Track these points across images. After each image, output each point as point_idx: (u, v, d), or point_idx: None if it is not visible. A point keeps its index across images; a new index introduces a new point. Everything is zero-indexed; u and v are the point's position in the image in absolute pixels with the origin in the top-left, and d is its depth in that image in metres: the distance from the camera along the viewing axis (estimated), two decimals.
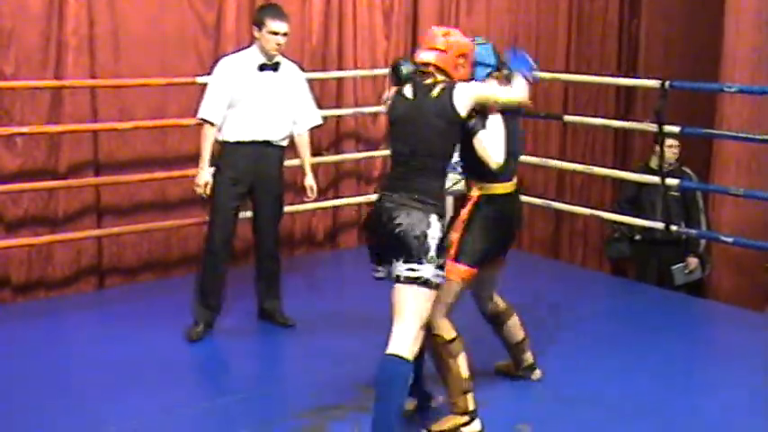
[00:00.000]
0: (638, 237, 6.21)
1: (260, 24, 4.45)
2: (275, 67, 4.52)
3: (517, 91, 3.55)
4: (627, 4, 7.96)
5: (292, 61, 4.71)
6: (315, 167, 6.17)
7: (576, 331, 4.71)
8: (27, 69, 5.12)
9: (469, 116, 3.35)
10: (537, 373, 4.02)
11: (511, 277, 4.00)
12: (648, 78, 6.00)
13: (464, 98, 3.31)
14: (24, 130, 5.06)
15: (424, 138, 3.30)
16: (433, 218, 3.25)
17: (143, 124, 5.45)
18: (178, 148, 5.57)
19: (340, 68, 6.32)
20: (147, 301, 5.20)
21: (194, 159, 4.68)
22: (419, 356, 3.50)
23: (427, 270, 3.21)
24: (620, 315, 5.15)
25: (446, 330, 3.47)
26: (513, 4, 7.26)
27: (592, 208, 6.47)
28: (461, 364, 3.48)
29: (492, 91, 3.47)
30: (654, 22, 7.93)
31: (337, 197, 6.41)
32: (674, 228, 5.53)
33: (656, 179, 5.56)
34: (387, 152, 5.02)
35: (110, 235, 5.47)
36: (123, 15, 5.42)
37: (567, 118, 6.67)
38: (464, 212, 3.58)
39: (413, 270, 3.20)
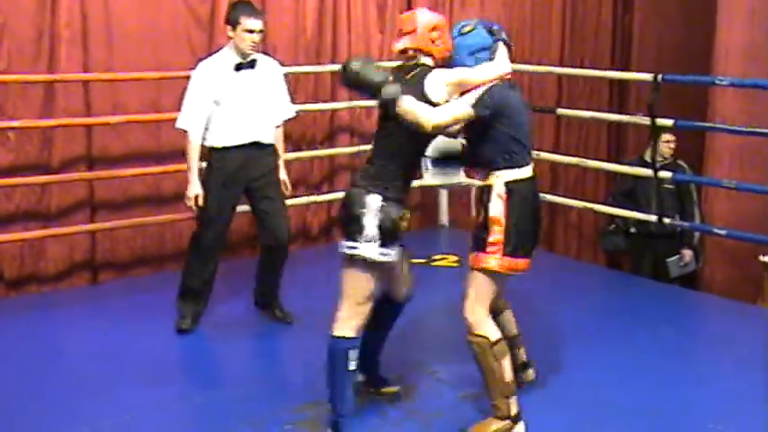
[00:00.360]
0: (633, 230, 6.24)
1: (234, 23, 4.31)
2: (252, 64, 4.40)
3: (499, 63, 3.38)
4: None
5: (271, 57, 4.64)
6: (309, 161, 6.21)
7: (571, 324, 4.71)
8: (19, 63, 5.10)
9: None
10: (529, 374, 3.80)
11: None
12: (641, 72, 6.01)
13: (436, 84, 3.27)
14: (17, 124, 5.05)
15: (394, 121, 3.27)
16: (372, 198, 3.26)
17: (137, 118, 5.44)
18: (172, 142, 5.51)
19: (334, 62, 6.30)
20: (140, 296, 5.18)
21: None
22: (377, 340, 3.66)
23: (365, 249, 3.25)
24: (615, 307, 5.16)
25: (491, 331, 3.35)
26: None
27: (586, 201, 6.49)
28: (505, 367, 3.35)
29: (469, 74, 3.34)
30: (647, 16, 7.94)
31: (332, 191, 6.39)
32: (666, 220, 5.55)
33: (650, 172, 5.57)
34: None
35: (103, 230, 5.45)
36: (116, 8, 5.40)
37: (561, 111, 6.67)
38: (499, 206, 3.32)
39: (351, 248, 3.28)
